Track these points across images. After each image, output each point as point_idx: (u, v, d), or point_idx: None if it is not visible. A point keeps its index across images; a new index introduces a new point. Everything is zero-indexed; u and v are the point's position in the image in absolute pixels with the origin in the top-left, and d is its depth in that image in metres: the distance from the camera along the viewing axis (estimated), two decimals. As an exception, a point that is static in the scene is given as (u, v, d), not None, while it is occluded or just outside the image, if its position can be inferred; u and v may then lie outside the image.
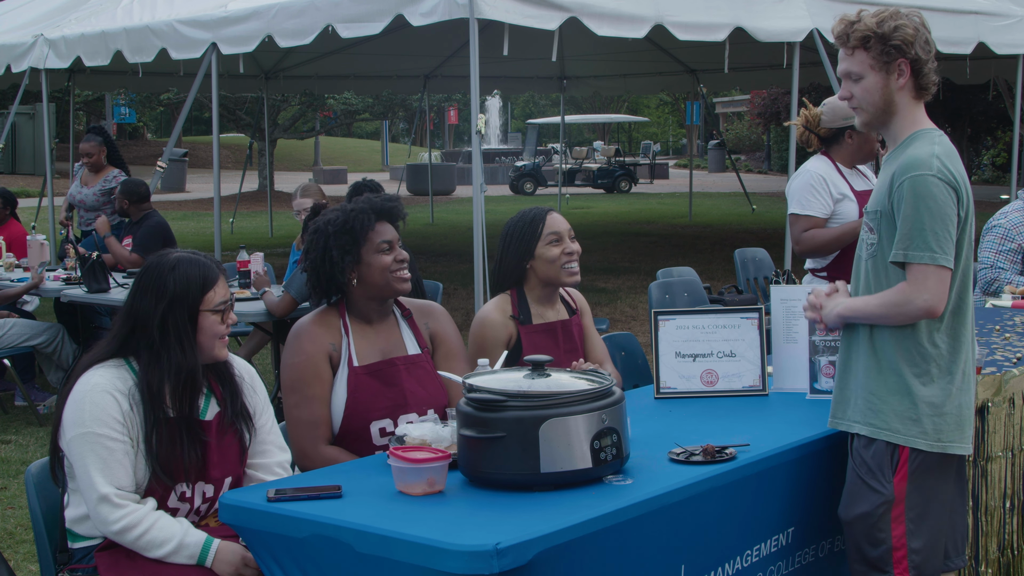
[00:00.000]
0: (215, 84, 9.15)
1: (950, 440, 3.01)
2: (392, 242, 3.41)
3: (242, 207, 19.83)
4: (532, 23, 7.51)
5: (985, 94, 14.38)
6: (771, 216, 20.16)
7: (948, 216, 2.92)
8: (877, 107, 3.06)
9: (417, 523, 2.49)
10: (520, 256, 3.77)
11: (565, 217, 3.91)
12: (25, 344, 7.09)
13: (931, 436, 2.99)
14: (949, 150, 3.00)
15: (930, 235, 2.89)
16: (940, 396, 2.99)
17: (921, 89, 3.05)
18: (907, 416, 2.99)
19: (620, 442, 2.73)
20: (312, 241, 3.41)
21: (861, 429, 3.06)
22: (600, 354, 3.92)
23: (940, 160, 2.94)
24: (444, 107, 39.12)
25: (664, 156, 46.41)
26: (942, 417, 2.99)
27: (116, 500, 2.86)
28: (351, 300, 3.43)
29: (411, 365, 3.43)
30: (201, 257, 3.05)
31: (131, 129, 43.14)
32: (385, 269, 3.36)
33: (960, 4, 9.68)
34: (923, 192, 2.90)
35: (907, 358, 2.99)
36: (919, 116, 3.09)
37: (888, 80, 3.02)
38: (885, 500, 3.00)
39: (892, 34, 2.99)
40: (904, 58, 3.00)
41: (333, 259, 3.34)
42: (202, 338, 3.00)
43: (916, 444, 2.98)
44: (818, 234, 4.76)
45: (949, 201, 2.92)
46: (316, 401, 3.32)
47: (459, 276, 12.23)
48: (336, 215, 3.40)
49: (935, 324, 2.98)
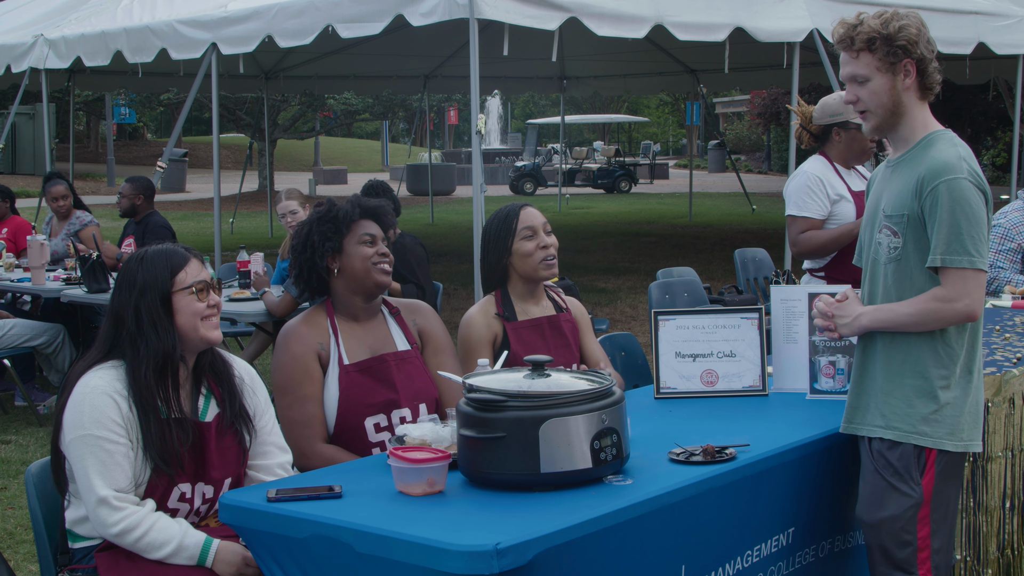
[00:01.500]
0: (215, 84, 9.16)
1: (970, 439, 3.03)
2: (375, 236, 3.44)
3: (242, 207, 19.84)
4: (532, 23, 7.51)
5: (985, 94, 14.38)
6: (771, 216, 20.16)
7: (982, 219, 2.93)
8: (886, 109, 3.03)
9: (417, 523, 2.49)
10: (499, 254, 3.78)
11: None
12: (25, 344, 7.09)
13: (956, 436, 3.00)
14: (970, 152, 3.00)
15: (967, 239, 2.89)
16: (961, 396, 3.01)
17: (926, 89, 3.04)
18: (933, 419, 2.99)
19: (620, 442, 2.73)
20: (297, 232, 3.48)
21: (886, 434, 3.04)
22: (596, 360, 3.91)
23: (968, 163, 2.94)
24: (444, 107, 39.10)
25: (664, 156, 46.40)
26: (963, 417, 3.01)
27: (115, 503, 2.86)
28: (336, 296, 3.46)
29: (401, 361, 3.45)
30: (170, 245, 3.09)
31: (131, 129, 43.18)
32: (366, 259, 3.39)
33: (960, 4, 9.68)
34: (958, 196, 2.89)
35: (933, 361, 2.99)
36: (928, 117, 3.07)
37: (895, 81, 3.00)
38: (914, 502, 3.00)
39: (897, 34, 2.97)
40: (910, 58, 2.99)
41: (314, 243, 3.39)
42: (181, 319, 3.00)
43: (944, 446, 2.99)
44: (815, 236, 4.77)
45: (981, 204, 2.93)
46: (309, 400, 3.33)
47: (459, 276, 12.23)
48: (324, 207, 3.47)
49: (960, 326, 2.99)
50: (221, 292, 3.15)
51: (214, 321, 3.07)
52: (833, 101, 4.85)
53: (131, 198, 7.99)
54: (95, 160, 35.02)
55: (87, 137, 39.15)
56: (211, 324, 3.05)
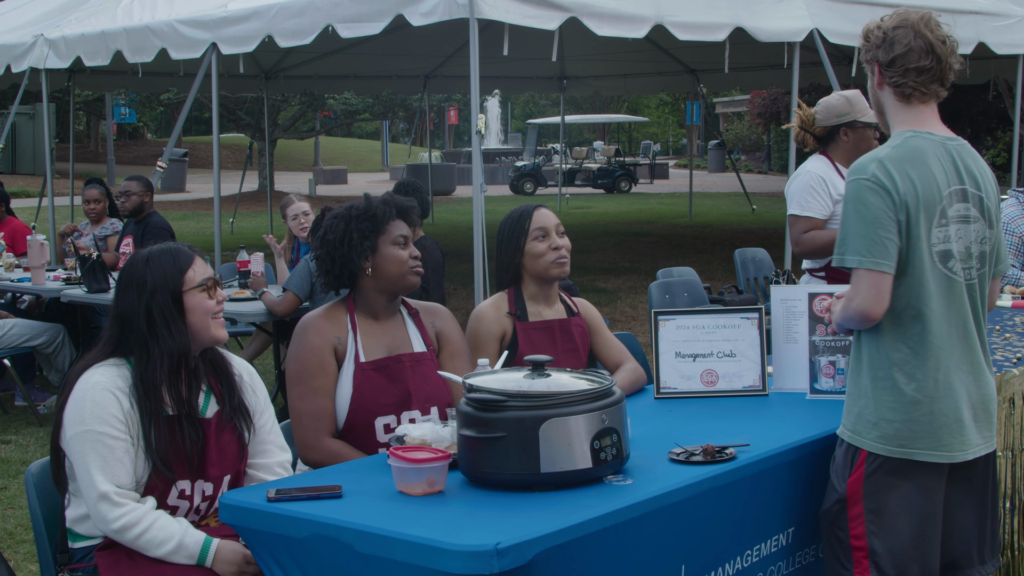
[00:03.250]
0: (215, 84, 9.15)
1: (917, 448, 2.95)
2: (407, 238, 3.45)
3: (242, 207, 19.84)
4: (532, 23, 7.51)
5: (985, 94, 14.37)
6: (771, 216, 20.17)
7: (880, 220, 2.90)
8: (874, 105, 3.15)
9: (417, 523, 2.49)
10: (511, 254, 3.80)
11: (565, 217, 3.91)
12: (25, 344, 7.09)
13: (890, 441, 2.95)
14: (904, 154, 2.96)
15: (860, 239, 2.91)
16: (905, 402, 2.94)
17: (901, 93, 3.05)
18: (868, 419, 2.98)
19: (620, 442, 2.73)
20: (331, 225, 3.43)
21: (841, 430, 3.08)
22: (618, 354, 3.92)
23: (883, 164, 2.93)
24: (444, 107, 39.10)
25: (664, 156, 46.43)
26: (907, 423, 2.94)
27: (116, 498, 2.86)
28: (360, 293, 3.45)
29: (416, 362, 3.44)
30: (173, 244, 3.09)
31: (131, 129, 43.18)
32: (403, 263, 3.40)
33: (960, 4, 9.68)
34: (854, 196, 2.95)
35: (873, 363, 2.99)
36: (908, 117, 3.07)
37: (873, 80, 3.11)
38: (839, 498, 3.02)
39: (867, 34, 3.09)
40: (876, 60, 3.07)
41: (352, 241, 3.37)
42: (193, 318, 3.01)
43: (873, 448, 2.97)
44: (817, 235, 4.76)
45: (882, 205, 2.90)
46: (320, 393, 3.33)
47: (459, 276, 12.22)
48: (360, 203, 3.45)
49: (895, 330, 2.96)
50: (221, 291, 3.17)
51: (221, 319, 3.08)
52: (837, 102, 4.85)
53: (140, 195, 7.97)
54: (95, 160, 35.02)
55: (87, 137, 39.16)
56: (219, 322, 3.07)
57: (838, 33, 8.74)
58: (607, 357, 3.91)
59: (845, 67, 10.19)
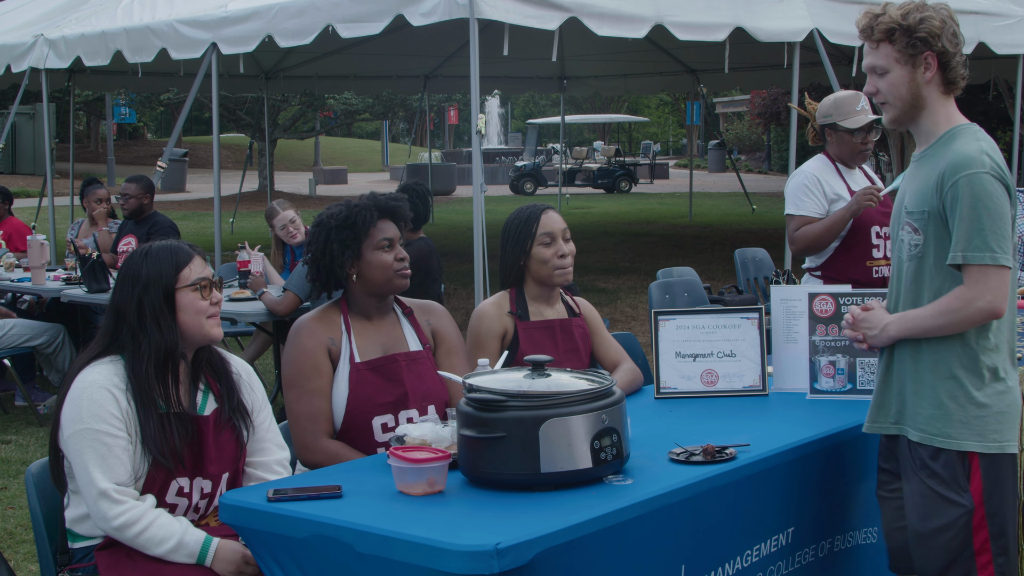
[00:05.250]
0: (215, 84, 9.15)
1: (1006, 440, 2.91)
2: (392, 240, 3.43)
3: (242, 207, 19.83)
4: (532, 23, 7.50)
5: (985, 94, 14.36)
6: (771, 216, 20.16)
7: (1005, 214, 2.84)
8: (905, 102, 2.97)
9: (417, 523, 2.49)
10: (516, 255, 3.79)
11: (565, 217, 3.91)
12: (25, 344, 7.09)
13: (991, 438, 2.88)
14: (994, 146, 2.91)
15: (989, 235, 2.80)
16: (993, 397, 2.90)
17: (949, 83, 2.96)
18: (970, 422, 2.88)
19: (620, 442, 2.73)
20: (315, 234, 3.45)
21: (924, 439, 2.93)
22: (615, 355, 3.92)
23: (990, 156, 2.86)
24: (444, 107, 39.10)
25: (664, 156, 46.41)
26: (997, 417, 2.89)
27: (115, 496, 2.86)
28: (351, 296, 3.46)
29: (412, 361, 3.44)
30: (174, 242, 3.10)
31: (131, 129, 43.19)
32: (387, 267, 3.39)
33: (960, 4, 9.63)
34: (979, 191, 2.81)
35: (959, 363, 2.89)
36: (952, 111, 2.99)
37: (914, 74, 2.94)
38: (966, 511, 2.89)
39: (918, 26, 2.91)
40: (931, 51, 2.92)
41: (333, 252, 3.38)
42: (184, 316, 3.01)
43: (989, 449, 2.88)
44: (808, 230, 4.81)
45: (1004, 199, 2.84)
46: (316, 395, 3.33)
47: (459, 276, 12.22)
48: (339, 209, 3.44)
49: (989, 325, 2.89)
50: (222, 290, 3.17)
51: (216, 319, 3.08)
52: (825, 102, 4.90)
53: (139, 198, 7.96)
54: (95, 160, 35.02)
55: (87, 137, 39.16)
56: (214, 322, 3.07)
57: (838, 33, 8.74)
58: (604, 357, 3.91)
59: (845, 67, 10.19)
